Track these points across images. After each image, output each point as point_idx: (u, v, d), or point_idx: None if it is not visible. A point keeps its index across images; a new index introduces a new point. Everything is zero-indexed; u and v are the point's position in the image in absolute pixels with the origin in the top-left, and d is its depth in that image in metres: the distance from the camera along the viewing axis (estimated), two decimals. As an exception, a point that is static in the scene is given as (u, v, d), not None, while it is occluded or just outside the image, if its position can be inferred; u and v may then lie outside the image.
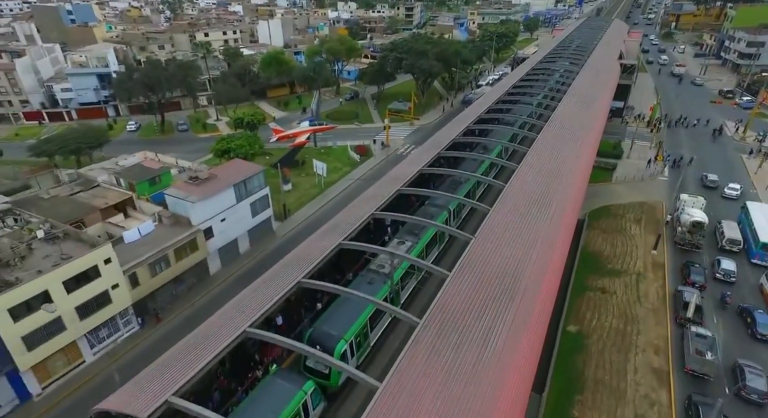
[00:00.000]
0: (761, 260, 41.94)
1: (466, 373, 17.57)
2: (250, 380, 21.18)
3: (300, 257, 23.44)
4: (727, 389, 30.13)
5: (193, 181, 42.03)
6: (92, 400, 29.90)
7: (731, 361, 31.79)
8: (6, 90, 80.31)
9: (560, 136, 39.52)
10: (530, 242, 25.85)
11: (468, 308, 20.29)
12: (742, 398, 29.06)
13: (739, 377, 29.78)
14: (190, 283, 40.91)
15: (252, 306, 19.80)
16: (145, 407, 15.20)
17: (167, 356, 18.27)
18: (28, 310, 28.20)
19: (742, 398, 29.04)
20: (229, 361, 19.91)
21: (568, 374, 31.56)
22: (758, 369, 30.09)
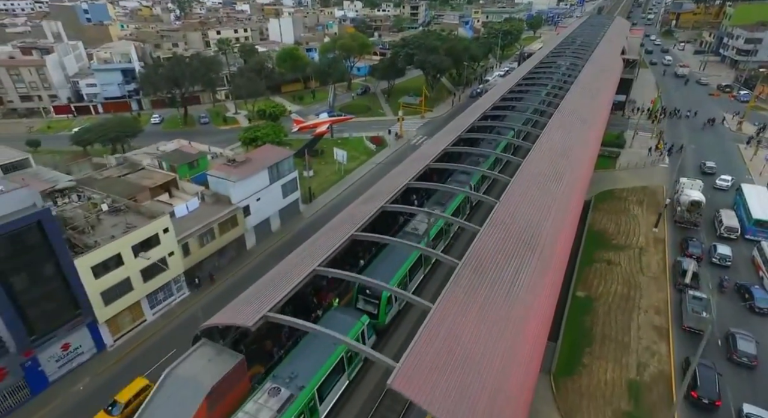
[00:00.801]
0: (754, 235, 45.64)
1: (499, 303, 21.35)
2: (312, 318, 24.99)
3: (350, 215, 27.27)
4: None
5: (231, 163, 45.89)
6: (154, 354, 34.14)
7: (725, 330, 34.59)
8: (37, 85, 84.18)
9: (569, 121, 43.30)
10: (546, 207, 29.64)
11: (498, 254, 24.07)
12: (734, 362, 31.76)
13: (731, 343, 32.89)
14: (231, 256, 44.73)
15: (317, 252, 23.57)
16: (248, 319, 18.98)
17: (257, 286, 22.11)
18: (105, 269, 32.04)
19: (734, 362, 31.74)
20: (298, 297, 23.69)
21: (577, 331, 35.30)
22: (748, 335, 33.15)
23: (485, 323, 19.86)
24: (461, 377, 17.13)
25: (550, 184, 31.95)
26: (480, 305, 20.60)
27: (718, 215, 48.31)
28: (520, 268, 23.62)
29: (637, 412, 28.88)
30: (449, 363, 17.48)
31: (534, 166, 33.77)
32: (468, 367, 17.61)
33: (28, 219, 26.90)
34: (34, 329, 28.82)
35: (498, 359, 18.63)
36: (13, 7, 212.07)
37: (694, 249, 43.44)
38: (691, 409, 28.73)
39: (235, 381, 19.84)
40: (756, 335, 33.64)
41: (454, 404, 16.05)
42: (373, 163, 67.87)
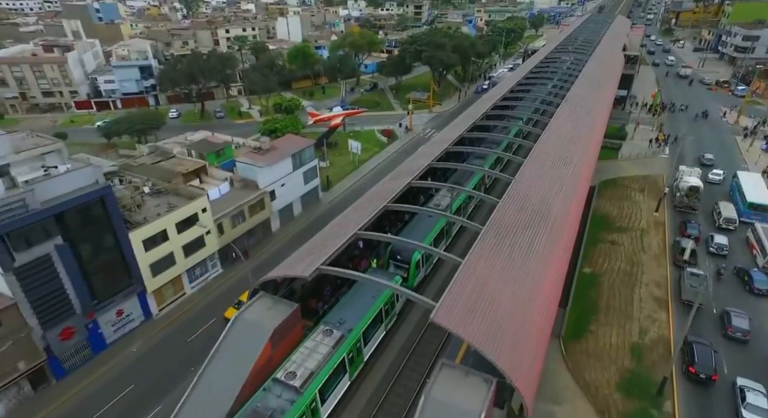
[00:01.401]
0: (749, 218, 48.63)
1: (519, 261, 24.38)
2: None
3: (382, 189, 30.35)
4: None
5: (257, 151, 49.00)
6: (195, 323, 37.14)
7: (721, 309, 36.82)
8: (58, 81, 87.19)
9: (575, 111, 46.32)
10: (557, 185, 32.68)
11: (516, 223, 27.10)
12: (729, 337, 34.05)
13: (726, 319, 34.91)
14: (258, 237, 47.79)
15: (356, 219, 26.61)
16: (305, 271, 22.00)
17: (305, 247, 25.19)
18: (153, 243, 35.10)
19: (729, 337, 34.03)
20: (337, 263, 26.78)
21: (584, 302, 38.34)
22: (742, 313, 35.56)
23: (508, 275, 22.93)
24: (490, 316, 20.18)
25: (560, 165, 34.99)
26: (503, 262, 23.66)
27: (717, 206, 49.83)
28: (536, 235, 26.66)
29: (638, 369, 31.96)
30: (479, 305, 20.53)
31: (545, 149, 36.80)
32: (495, 308, 20.67)
33: (94, 194, 29.97)
34: (95, 294, 31.89)
35: (520, 303, 21.70)
36: (22, 7, 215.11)
37: (692, 230, 46.46)
38: (689, 384, 30.53)
39: (291, 326, 22.86)
40: (755, 314, 35.88)
41: (486, 335, 19.10)
42: (385, 154, 70.92)
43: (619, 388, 30.59)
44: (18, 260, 26.99)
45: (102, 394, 30.81)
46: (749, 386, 28.95)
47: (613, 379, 31.32)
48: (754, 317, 35.69)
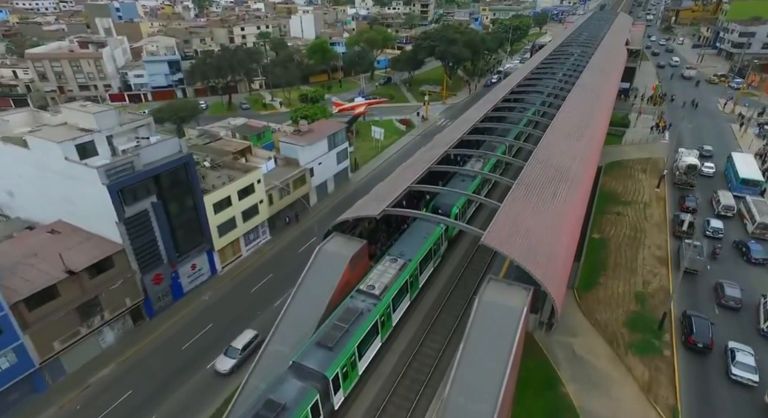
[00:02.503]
0: (740, 192, 53.96)
1: (546, 205, 29.79)
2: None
3: (423, 155, 35.74)
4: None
5: (297, 132, 54.40)
6: (252, 278, 42.47)
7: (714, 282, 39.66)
8: (94, 76, 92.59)
9: (585, 94, 51.74)
10: (572, 153, 38.07)
11: (541, 179, 32.47)
12: (723, 306, 37.07)
13: (720, 290, 38.01)
14: (299, 209, 53.13)
15: (407, 176, 31.99)
16: (374, 212, 27.39)
17: (368, 196, 30.60)
18: (221, 207, 40.46)
19: (723, 306, 37.06)
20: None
21: (594, 261, 43.61)
22: (734, 284, 38.35)
23: (537, 214, 28.33)
24: (526, 241, 25.56)
25: (574, 138, 40.39)
26: (533, 205, 29.07)
27: (716, 195, 52.37)
28: (557, 188, 32.07)
29: (642, 311, 37.29)
30: (517, 233, 25.91)
31: (561, 125, 42.17)
32: (529, 236, 26.06)
33: (180, 160, 35.37)
34: (177, 248, 37.25)
35: (548, 233, 27.13)
36: (37, 7, 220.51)
37: (690, 203, 51.66)
38: (688, 353, 33.13)
39: (361, 258, 28.24)
40: (751, 281, 39.82)
41: (524, 254, 24.46)
42: (404, 141, 76.24)
43: (625, 325, 35.93)
44: (127, 213, 32.35)
45: (186, 331, 36.21)
46: (739, 348, 32.15)
47: (620, 318, 36.65)
48: (750, 283, 39.39)
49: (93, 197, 31.48)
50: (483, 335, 22.05)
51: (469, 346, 21.71)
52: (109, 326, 33.70)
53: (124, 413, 29.36)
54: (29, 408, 29.42)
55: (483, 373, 20.79)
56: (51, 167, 32.43)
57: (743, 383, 30.42)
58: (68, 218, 34.91)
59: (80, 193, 32.41)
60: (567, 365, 32.48)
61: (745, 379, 30.27)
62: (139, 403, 30.05)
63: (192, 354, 34.05)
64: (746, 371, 30.54)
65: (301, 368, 20.43)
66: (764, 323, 35.07)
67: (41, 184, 34.15)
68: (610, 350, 33.73)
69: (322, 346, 21.31)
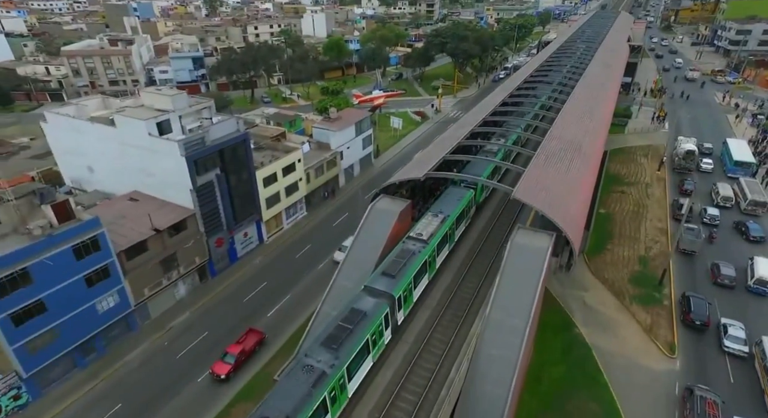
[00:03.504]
0: (734, 173, 59.02)
1: (563, 171, 34.82)
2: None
3: (451, 133, 40.82)
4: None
5: (328, 119, 59.49)
6: (295, 247, 47.48)
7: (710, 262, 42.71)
8: (123, 71, 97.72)
9: (592, 83, 56.82)
10: (583, 132, 43.10)
11: (557, 151, 37.49)
12: (718, 284, 39.89)
13: (716, 270, 40.94)
14: (331, 188, 58.19)
15: (443, 147, 37.03)
16: (418, 174, 32.43)
17: (410, 164, 35.59)
18: (268, 182, 45.49)
19: (719, 284, 39.87)
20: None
21: (601, 231, 48.62)
22: (729, 264, 41.11)
23: (557, 177, 33.41)
24: (549, 196, 30.61)
25: (585, 118, 45.49)
26: (552, 170, 34.15)
27: (715, 187, 55.13)
28: (573, 158, 37.13)
29: (644, 271, 42.31)
30: (541, 190, 30.97)
31: (572, 108, 47.22)
32: (551, 192, 31.13)
33: (239, 137, 40.44)
34: (235, 216, 42.30)
35: (567, 191, 32.18)
36: (51, 7, 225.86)
37: (688, 186, 56.35)
38: (686, 330, 35.64)
39: (406, 215, 33.25)
40: (748, 257, 43.07)
41: (547, 205, 29.47)
42: (419, 131, 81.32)
43: (629, 281, 40.98)
44: (198, 182, 37.40)
45: (245, 287, 41.27)
46: (731, 323, 34.85)
47: (625, 277, 41.69)
48: (747, 259, 42.69)
49: (171, 168, 36.54)
50: (516, 269, 27.06)
51: (505, 277, 26.71)
52: (182, 281, 38.76)
53: (205, 347, 34.43)
54: (126, 344, 34.51)
55: (517, 297, 25.80)
56: (134, 143, 37.50)
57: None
58: (143, 188, 39.96)
59: (159, 165, 37.47)
60: (579, 313, 37.53)
61: (736, 350, 32.97)
62: (215, 341, 35.06)
63: (254, 305, 39.14)
64: (736, 343, 33.28)
65: (372, 289, 25.46)
66: (751, 280, 39.96)
67: (121, 158, 39.19)
68: (617, 301, 38.79)
69: (387, 274, 26.36)
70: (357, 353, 21.82)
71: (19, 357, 27.66)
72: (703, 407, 27.41)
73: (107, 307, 32.41)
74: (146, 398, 30.54)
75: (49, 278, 28.15)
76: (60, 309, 29.21)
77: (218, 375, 31.44)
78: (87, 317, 31.08)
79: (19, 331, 27.36)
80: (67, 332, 30.09)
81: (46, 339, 28.93)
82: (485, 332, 24.46)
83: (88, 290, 30.71)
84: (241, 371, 32.47)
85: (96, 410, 29.35)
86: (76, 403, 29.87)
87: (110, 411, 29.45)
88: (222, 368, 31.67)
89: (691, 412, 27.55)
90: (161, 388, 31.31)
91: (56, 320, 29.16)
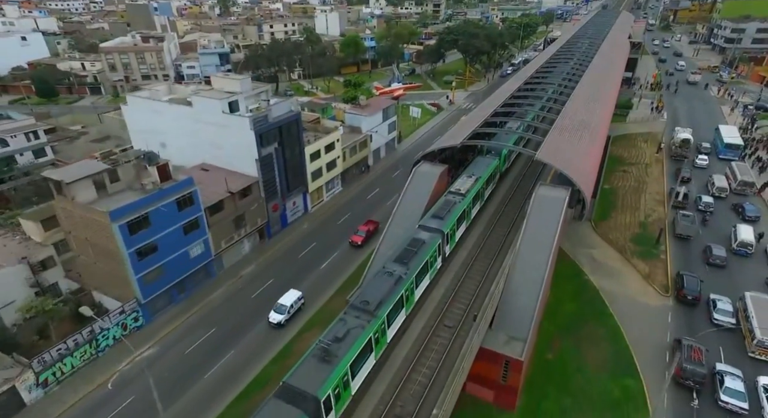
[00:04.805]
0: (725, 155, 65.49)
1: (576, 141, 41.27)
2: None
3: (477, 112, 47.27)
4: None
5: (358, 106, 66.00)
6: (334, 216, 53.98)
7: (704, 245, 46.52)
8: (155, 66, 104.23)
9: (597, 74, 63.31)
10: (590, 112, 49.58)
11: (569, 127, 43.96)
12: (710, 264, 43.54)
13: (708, 251, 44.66)
14: (361, 168, 64.62)
15: (471, 122, 43.47)
16: (454, 142, 38.87)
17: (446, 135, 42.04)
18: (313, 158, 51.89)
19: (711, 264, 43.53)
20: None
21: (606, 202, 55.06)
22: (720, 246, 44.94)
23: (570, 145, 39.91)
24: (566, 158, 37.07)
25: (592, 101, 51.97)
26: (566, 140, 40.67)
27: (711, 178, 59.03)
28: (582, 133, 43.62)
29: (644, 232, 48.74)
30: (558, 154, 37.42)
31: (580, 93, 53.72)
32: (567, 156, 37.60)
33: (293, 116, 46.89)
34: (288, 186, 48.72)
35: (580, 155, 38.66)
36: (68, 7, 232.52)
37: (685, 173, 62.05)
38: (680, 304, 38.94)
39: (444, 177, 39.66)
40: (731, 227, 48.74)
41: (565, 164, 35.86)
42: (435, 120, 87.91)
43: (631, 240, 47.43)
44: (262, 153, 43.81)
45: (298, 246, 47.74)
46: (719, 298, 38.27)
47: (627, 237, 48.13)
48: (732, 226, 48.07)
49: (241, 141, 42.97)
50: (540, 214, 33.44)
51: (531, 220, 33.10)
52: (247, 239, 45.20)
53: (272, 291, 40.75)
54: (207, 287, 40.99)
55: (541, 235, 32.20)
56: (208, 120, 43.94)
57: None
58: (211, 160, 46.35)
59: (229, 139, 43.87)
60: (588, 265, 43.97)
61: (724, 322, 36.10)
62: (280, 286, 41.38)
63: (308, 259, 45.61)
64: (724, 316, 36.71)
65: (426, 226, 31.87)
66: (734, 243, 46.03)
67: (195, 134, 45.57)
68: (620, 255, 45.27)
69: (437, 216, 32.79)
70: (420, 269, 28.22)
71: (140, 286, 34.07)
72: (690, 353, 31.60)
73: (196, 253, 38.85)
74: (233, 325, 36.99)
75: (161, 224, 34.57)
76: (166, 250, 35.65)
77: (356, 242, 46.98)
78: (182, 260, 37.53)
79: (141, 264, 33.80)
80: (170, 270, 36.54)
81: (156, 274, 35.37)
82: (517, 259, 30.92)
83: (185, 237, 37.16)
84: (301, 313, 38.61)
85: (197, 332, 35.82)
86: (179, 327, 36.32)
87: (208, 333, 35.94)
88: (357, 238, 47.32)
89: (680, 357, 31.28)
90: (243, 318, 37.78)
91: (163, 259, 35.62)
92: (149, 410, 28.37)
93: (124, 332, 34.43)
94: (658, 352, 34.10)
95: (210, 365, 33.41)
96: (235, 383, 32.10)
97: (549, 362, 33.09)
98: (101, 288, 36.44)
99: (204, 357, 34.09)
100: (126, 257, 32.68)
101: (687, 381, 30.64)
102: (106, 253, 33.38)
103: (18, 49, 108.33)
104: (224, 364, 33.65)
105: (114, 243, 32.12)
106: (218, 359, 33.99)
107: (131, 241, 32.67)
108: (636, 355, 33.66)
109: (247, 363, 33.59)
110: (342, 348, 21.44)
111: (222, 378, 32.49)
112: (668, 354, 33.84)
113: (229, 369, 33.17)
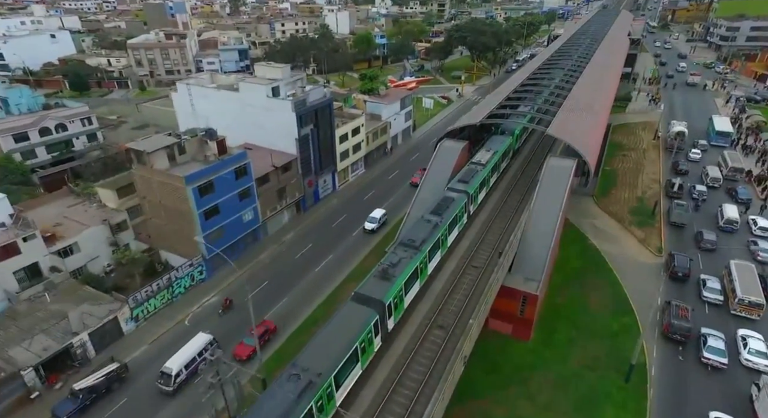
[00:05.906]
0: (716, 142, 70.94)
1: (581, 120, 46.71)
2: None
3: (488, 100, 52.78)
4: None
5: (378, 95, 71.56)
6: (359, 193, 59.61)
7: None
8: (178, 62, 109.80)
9: (599, 66, 68.79)
10: (593, 98, 55.05)
11: (576, 108, 49.39)
12: (701, 249, 46.61)
13: (699, 236, 47.65)
14: (382, 152, 70.08)
15: (488, 105, 48.94)
16: (474, 120, 44.36)
17: (465, 116, 47.55)
18: (341, 140, 57.35)
19: (702, 249, 46.61)
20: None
21: (607, 181, 60.53)
22: (711, 231, 48.23)
23: (577, 123, 45.37)
24: (574, 133, 42.49)
25: (595, 89, 57.44)
26: (574, 119, 46.12)
27: (705, 169, 62.20)
28: (587, 114, 49.08)
29: (641, 206, 54.24)
30: (567, 130, 42.85)
31: (584, 82, 59.18)
32: (574, 132, 43.05)
33: (327, 100, 52.42)
34: (321, 164, 54.19)
35: (586, 131, 44.21)
36: (81, 6, 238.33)
37: (682, 166, 67.10)
38: (671, 281, 42.06)
39: (465, 151, 45.08)
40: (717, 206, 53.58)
41: (573, 138, 41.28)
42: (446, 111, 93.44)
43: (629, 212, 52.95)
44: (301, 133, 49.29)
45: (331, 218, 53.28)
46: (708, 278, 41.32)
47: (625, 209, 53.65)
48: (717, 206, 52.71)
49: (283, 121, 48.47)
50: (551, 180, 38.87)
51: (543, 185, 38.53)
52: (286, 210, 50.69)
53: (312, 254, 46.27)
54: (254, 250, 46.53)
55: (552, 197, 37.65)
56: (254, 103, 49.42)
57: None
58: (253, 140, 51.73)
59: (272, 120, 49.34)
60: (591, 232, 49.44)
61: (713, 299, 39.34)
62: (318, 250, 46.90)
63: (340, 228, 51.12)
64: (713, 293, 39.68)
65: (454, 188, 37.29)
66: (721, 221, 50.95)
67: (239, 116, 51.03)
68: (619, 224, 50.80)
69: (462, 180, 38.24)
70: (450, 221, 33.66)
71: (204, 244, 39.61)
72: (677, 312, 35.90)
73: (248, 219, 44.34)
74: (281, 280, 42.49)
75: (222, 190, 40.09)
76: (226, 213, 41.16)
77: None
78: (237, 223, 43.06)
79: (207, 224, 39.32)
80: (228, 232, 42.07)
81: (216, 235, 40.86)
82: (532, 215, 36.41)
83: (240, 203, 42.68)
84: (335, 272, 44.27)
85: (251, 285, 40.88)
86: (234, 282, 41.75)
87: (262, 285, 41.46)
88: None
89: (669, 315, 35.74)
90: (289, 275, 43.26)
91: (223, 221, 41.14)
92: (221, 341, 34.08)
93: (192, 283, 39.92)
94: (650, 297, 39.53)
95: (268, 309, 38.97)
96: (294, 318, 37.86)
97: (558, 305, 38.58)
98: (169, 247, 41.92)
99: (264, 301, 39.60)
100: (197, 216, 38.18)
101: (674, 335, 34.90)
102: (178, 214, 38.87)
103: (48, 47, 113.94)
104: (283, 304, 39.72)
105: (187, 204, 37.62)
106: (276, 303, 39.79)
107: (201, 202, 38.17)
108: (632, 300, 39.15)
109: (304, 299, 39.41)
110: (397, 270, 26.90)
111: (280, 317, 38.18)
112: (659, 298, 39.31)
113: (284, 310, 38.95)
